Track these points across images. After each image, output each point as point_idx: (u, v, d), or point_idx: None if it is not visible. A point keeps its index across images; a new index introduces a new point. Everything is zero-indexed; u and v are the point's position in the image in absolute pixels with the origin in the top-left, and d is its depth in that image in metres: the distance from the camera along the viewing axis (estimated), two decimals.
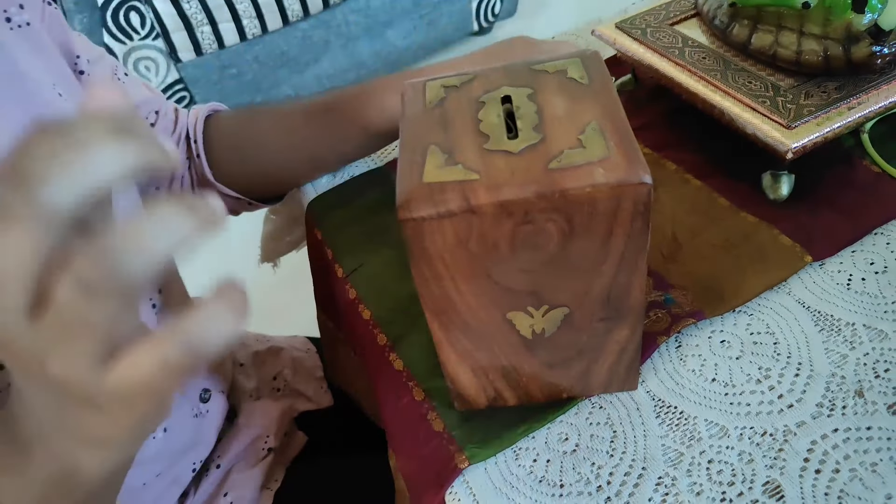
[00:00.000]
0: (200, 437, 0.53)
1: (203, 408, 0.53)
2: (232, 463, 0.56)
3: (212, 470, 0.55)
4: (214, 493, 0.54)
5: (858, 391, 0.38)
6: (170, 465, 0.50)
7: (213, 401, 0.54)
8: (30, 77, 0.40)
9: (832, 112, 0.47)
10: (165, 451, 0.48)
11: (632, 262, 0.32)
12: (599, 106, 0.32)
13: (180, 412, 0.49)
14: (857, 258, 0.45)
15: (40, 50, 0.42)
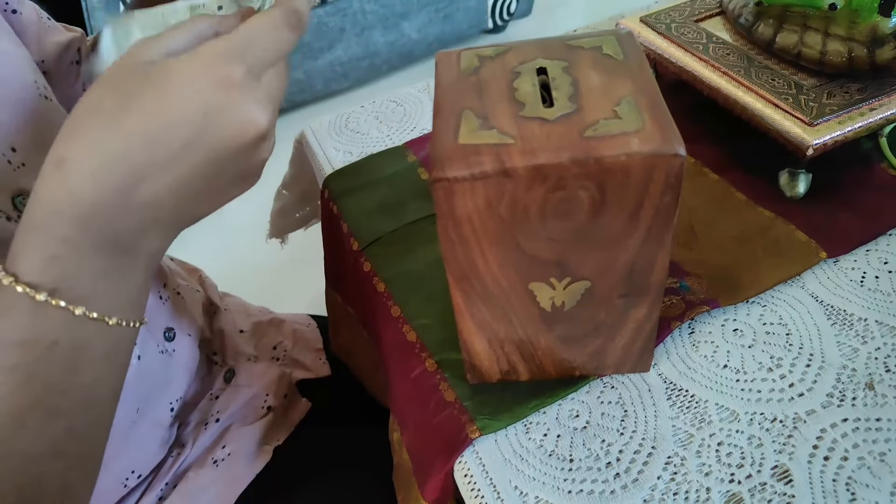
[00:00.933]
0: (169, 375, 0.53)
1: (168, 346, 0.52)
2: (232, 419, 0.57)
3: (210, 424, 0.55)
4: (212, 445, 0.55)
5: (869, 384, 0.39)
6: (145, 401, 0.50)
7: (179, 341, 0.54)
8: None
9: (854, 112, 0.48)
10: (140, 380, 0.48)
11: (658, 237, 0.32)
12: (634, 81, 0.32)
13: (146, 346, 0.49)
14: (871, 257, 0.46)
15: None
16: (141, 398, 0.49)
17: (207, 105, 0.28)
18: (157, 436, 0.52)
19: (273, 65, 0.31)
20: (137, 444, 0.50)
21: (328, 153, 0.64)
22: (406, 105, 0.69)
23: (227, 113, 0.29)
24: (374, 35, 1.73)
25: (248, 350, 0.63)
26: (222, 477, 0.53)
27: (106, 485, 0.48)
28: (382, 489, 0.52)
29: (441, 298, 0.48)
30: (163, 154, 0.29)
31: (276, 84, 0.32)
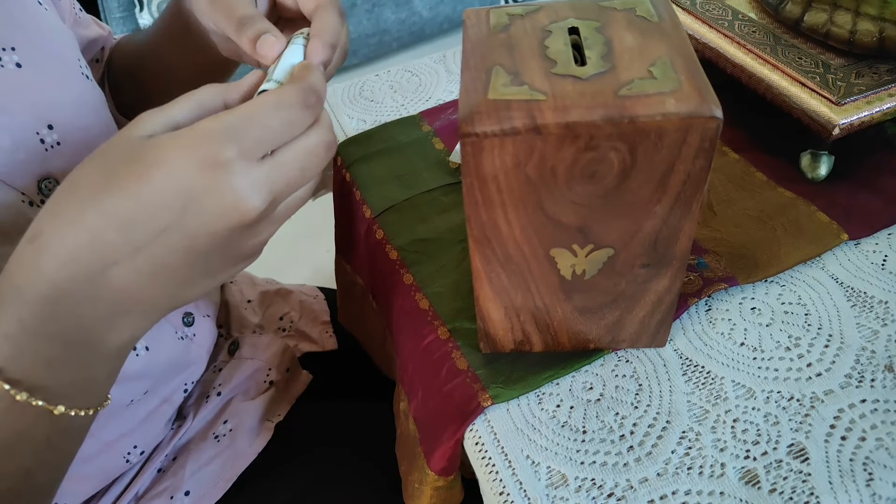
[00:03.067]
0: (189, 358, 0.53)
1: (188, 331, 0.52)
2: (234, 392, 0.56)
3: (212, 397, 0.55)
4: (214, 419, 0.54)
5: (888, 366, 0.38)
6: (157, 384, 0.50)
7: (198, 325, 0.54)
8: None
9: (882, 93, 0.47)
10: (150, 370, 0.48)
11: (686, 205, 0.32)
12: (669, 42, 0.32)
13: (163, 334, 0.49)
14: (893, 240, 0.45)
15: None
16: (153, 383, 0.49)
17: (189, 187, 0.26)
18: (167, 415, 0.52)
19: (281, 145, 0.28)
20: (145, 424, 0.49)
21: (341, 120, 0.63)
22: (421, 75, 0.68)
23: (210, 197, 0.26)
24: (385, 12, 1.71)
25: (253, 321, 0.62)
26: (223, 453, 0.52)
27: (109, 462, 0.48)
28: (383, 463, 0.52)
29: (455, 268, 0.47)
30: (138, 238, 0.27)
31: (292, 166, 0.29)
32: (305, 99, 0.29)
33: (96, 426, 0.34)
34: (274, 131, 0.28)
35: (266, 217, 0.29)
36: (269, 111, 0.28)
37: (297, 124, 0.29)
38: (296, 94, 0.29)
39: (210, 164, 0.26)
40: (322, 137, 0.30)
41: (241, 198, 0.27)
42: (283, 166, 0.28)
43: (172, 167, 0.26)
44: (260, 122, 0.27)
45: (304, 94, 0.29)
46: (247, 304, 0.64)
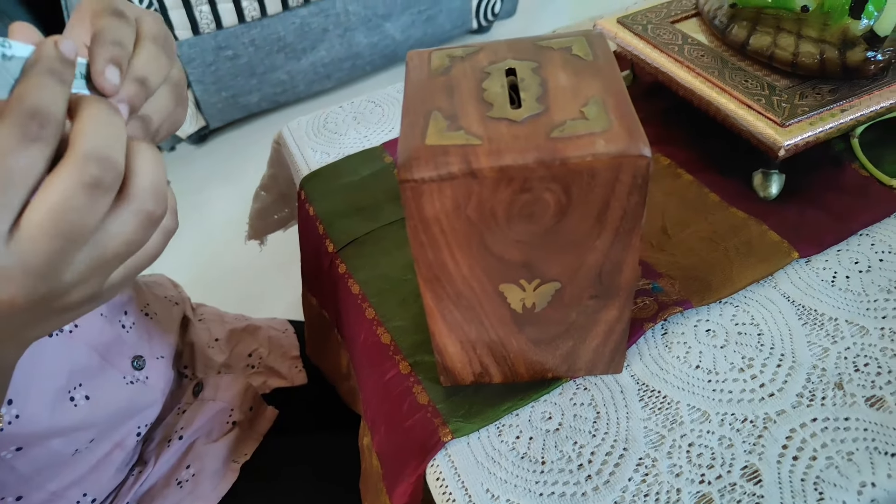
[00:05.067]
0: (142, 402, 0.52)
1: (139, 374, 0.51)
2: (196, 435, 0.56)
3: (174, 441, 0.54)
4: (176, 464, 0.54)
5: (838, 383, 0.39)
6: (105, 431, 0.49)
7: (150, 367, 0.53)
8: None
9: (825, 113, 0.48)
10: (94, 418, 0.47)
11: (626, 239, 0.32)
12: (602, 81, 0.32)
13: (107, 381, 0.48)
14: (842, 257, 0.46)
15: None
16: (100, 430, 0.48)
17: None
18: (118, 460, 0.51)
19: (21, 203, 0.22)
20: (95, 471, 0.48)
21: (306, 154, 0.64)
22: (384, 105, 0.69)
23: None
24: (358, 36, 1.72)
25: (218, 360, 0.62)
26: (185, 500, 0.52)
27: None
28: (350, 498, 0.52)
29: (416, 301, 0.48)
30: None
31: (43, 230, 0.22)
32: (24, 130, 0.21)
33: (41, 476, 0.34)
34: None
35: (50, 292, 0.24)
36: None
37: (23, 171, 0.22)
38: (5, 131, 0.21)
39: None
40: (66, 181, 0.22)
41: None
42: (32, 240, 0.22)
43: None
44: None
45: (18, 123, 0.21)
46: (214, 342, 0.63)
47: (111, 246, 0.24)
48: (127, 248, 0.25)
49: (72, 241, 0.23)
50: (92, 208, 0.23)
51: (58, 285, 0.24)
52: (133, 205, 0.24)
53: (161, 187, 0.25)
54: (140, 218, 0.25)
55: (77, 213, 0.22)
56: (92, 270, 0.25)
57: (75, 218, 0.23)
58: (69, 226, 0.23)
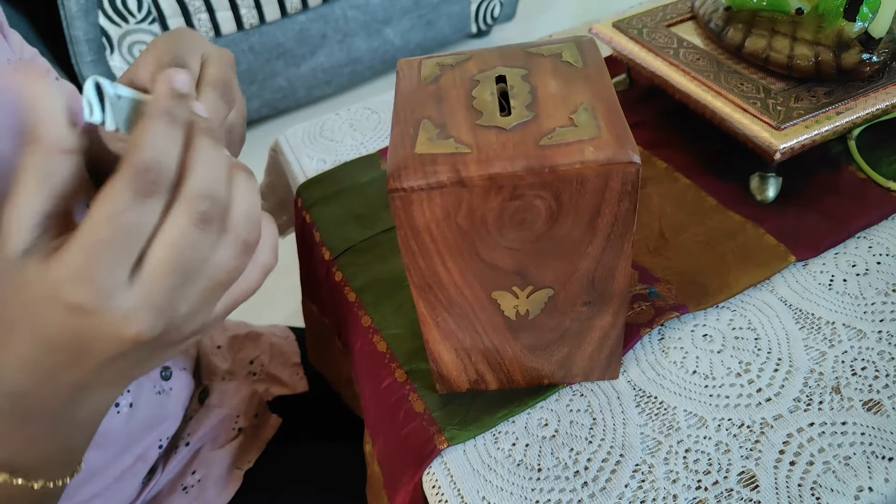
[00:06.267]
0: (165, 413, 0.52)
1: (165, 385, 0.52)
2: (202, 442, 0.56)
3: (180, 447, 0.54)
4: (182, 470, 0.54)
5: (835, 387, 0.39)
6: (132, 443, 0.49)
7: (175, 378, 0.54)
8: None
9: (821, 116, 0.48)
10: (129, 427, 0.48)
11: (617, 245, 0.32)
12: (592, 88, 0.32)
13: (143, 389, 0.49)
14: (839, 260, 0.46)
15: None
16: (128, 442, 0.49)
17: (70, 331, 0.25)
18: (141, 473, 0.51)
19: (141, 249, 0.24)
20: (118, 483, 0.49)
21: (302, 161, 0.64)
22: (381, 112, 0.69)
23: (93, 336, 0.25)
24: (357, 41, 1.73)
25: (222, 367, 0.62)
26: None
27: None
28: None
29: (411, 308, 0.47)
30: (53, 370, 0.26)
31: (165, 270, 0.24)
32: (138, 187, 0.23)
33: (70, 489, 0.34)
34: (119, 245, 0.23)
35: (168, 325, 0.26)
36: (102, 227, 0.23)
37: (140, 224, 0.24)
38: (122, 191, 0.23)
39: (73, 312, 0.24)
40: (180, 221, 0.24)
41: (119, 331, 0.24)
42: (153, 279, 0.24)
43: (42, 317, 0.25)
44: (97, 247, 0.23)
45: (133, 181, 0.23)
46: (216, 349, 0.63)
47: (216, 276, 0.26)
48: (228, 276, 0.26)
49: (187, 275, 0.25)
50: (203, 242, 0.25)
51: (175, 318, 0.26)
52: (231, 234, 0.26)
53: (255, 215, 0.27)
54: (238, 245, 0.26)
55: (191, 248, 0.24)
56: (202, 302, 0.26)
57: (190, 253, 0.24)
58: (185, 261, 0.25)
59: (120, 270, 0.24)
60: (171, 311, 0.25)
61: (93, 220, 0.23)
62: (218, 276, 0.26)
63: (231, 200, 0.26)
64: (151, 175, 0.23)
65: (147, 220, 0.24)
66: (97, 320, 0.24)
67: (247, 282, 0.28)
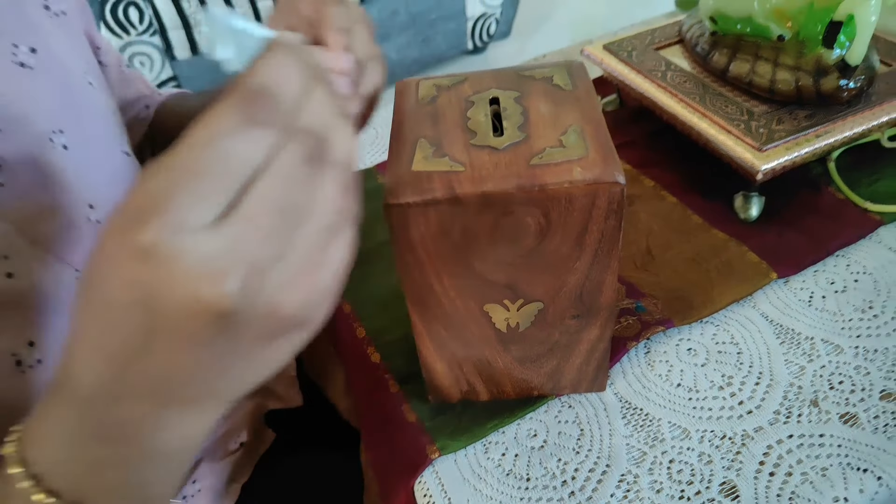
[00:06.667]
0: None
1: None
2: (203, 454, 0.57)
3: None
4: None
5: (814, 401, 0.40)
6: None
7: None
8: (65, 64, 0.41)
9: (801, 138, 0.50)
10: None
11: (604, 261, 0.34)
12: (580, 111, 0.34)
13: None
14: (818, 277, 0.47)
15: (73, 38, 0.43)
16: None
17: (136, 292, 0.20)
18: None
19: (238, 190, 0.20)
20: None
21: None
22: (378, 127, 0.70)
23: (162, 296, 0.19)
24: None
25: None
26: None
27: None
28: None
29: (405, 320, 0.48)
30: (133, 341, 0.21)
31: (263, 211, 0.20)
32: (247, 112, 0.19)
33: None
34: (211, 176, 0.19)
35: (253, 294, 0.20)
36: (195, 151, 0.19)
37: (241, 155, 0.20)
38: (228, 114, 0.19)
39: (143, 257, 0.19)
40: (291, 159, 0.20)
41: (196, 289, 0.19)
42: (247, 221, 0.19)
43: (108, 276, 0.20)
44: (187, 174, 0.19)
45: (242, 104, 0.19)
46: None
47: (321, 220, 0.22)
48: (337, 217, 0.23)
49: (287, 222, 0.20)
50: (308, 182, 0.21)
51: (269, 287, 0.20)
52: (334, 170, 0.22)
53: (355, 158, 0.24)
54: (341, 183, 0.22)
55: (294, 184, 0.20)
56: (308, 257, 0.21)
57: (293, 190, 0.20)
58: (286, 200, 0.20)
59: (206, 208, 0.19)
60: (265, 275, 0.20)
61: (186, 142, 0.19)
62: (323, 220, 0.22)
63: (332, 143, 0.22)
64: (265, 102, 0.20)
65: (250, 152, 0.20)
66: (166, 272, 0.19)
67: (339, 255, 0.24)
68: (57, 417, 0.24)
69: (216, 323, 0.20)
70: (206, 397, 0.24)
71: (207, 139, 0.19)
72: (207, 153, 0.19)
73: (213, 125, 0.19)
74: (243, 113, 0.19)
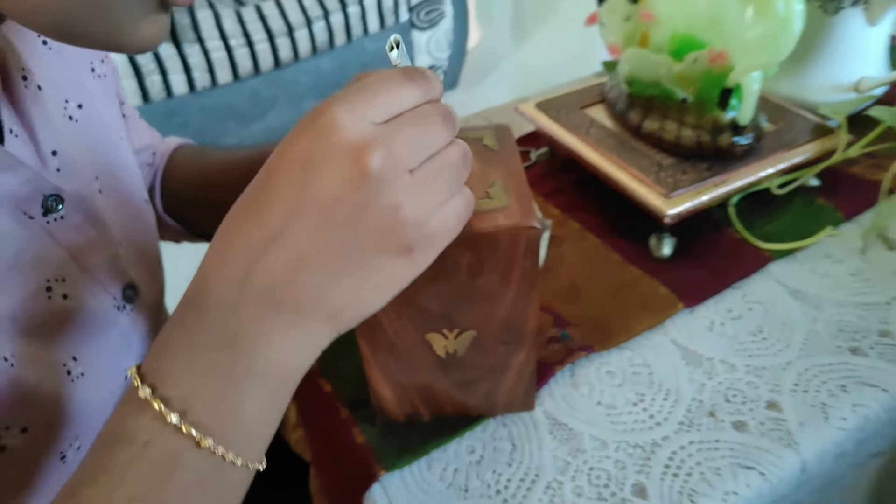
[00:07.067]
0: None
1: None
2: None
3: None
4: None
5: (711, 412, 0.47)
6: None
7: None
8: (103, 120, 0.46)
9: (702, 187, 0.58)
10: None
11: (527, 294, 0.40)
12: (505, 168, 0.40)
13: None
14: (718, 307, 0.55)
15: (110, 98, 0.48)
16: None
17: (303, 155, 0.26)
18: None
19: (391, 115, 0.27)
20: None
21: None
22: None
23: (324, 155, 0.25)
24: (306, 104, 1.81)
25: None
26: None
27: None
28: None
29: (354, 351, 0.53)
30: (271, 225, 0.26)
31: (408, 124, 0.27)
32: (407, 74, 0.28)
33: None
34: (380, 96, 0.27)
35: (389, 178, 0.26)
36: (374, 81, 0.27)
37: (403, 94, 0.27)
38: (397, 71, 0.28)
39: (320, 128, 0.25)
40: (436, 107, 0.28)
41: (353, 145, 0.25)
42: (398, 124, 0.27)
43: (287, 144, 0.26)
44: (366, 89, 0.27)
45: (404, 70, 0.28)
46: None
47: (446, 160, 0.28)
48: (457, 170, 0.28)
49: (424, 140, 0.27)
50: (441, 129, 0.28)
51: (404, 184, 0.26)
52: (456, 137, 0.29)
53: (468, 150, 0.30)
54: (461, 149, 0.29)
55: (432, 125, 0.27)
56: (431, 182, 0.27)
57: (431, 127, 0.27)
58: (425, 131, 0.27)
59: (375, 113, 0.26)
60: (399, 170, 0.26)
61: (372, 76, 0.28)
62: (446, 161, 0.28)
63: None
64: (416, 73, 0.28)
65: (407, 96, 0.27)
66: (332, 133, 0.25)
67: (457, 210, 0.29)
68: (183, 327, 0.27)
69: (358, 184, 0.25)
70: (312, 310, 0.27)
71: (381, 76, 0.27)
72: (384, 86, 0.27)
73: (384, 73, 0.28)
74: (404, 74, 0.28)
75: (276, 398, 0.28)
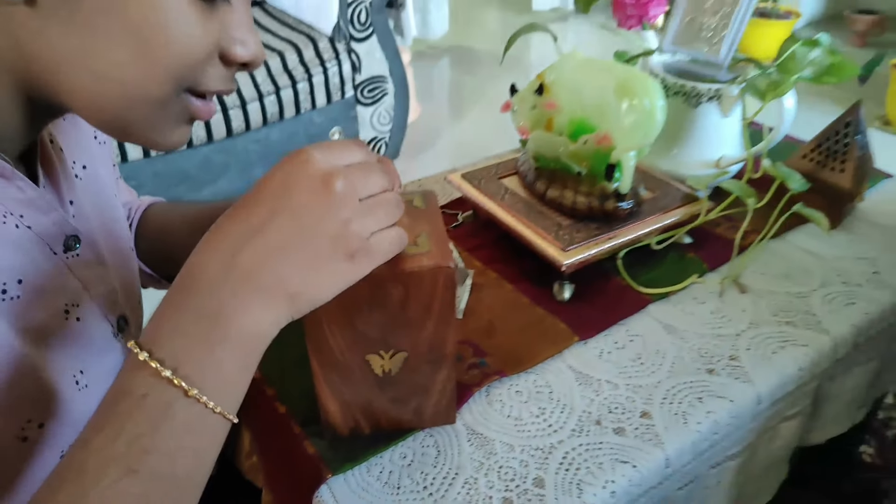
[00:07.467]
0: None
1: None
2: None
3: None
4: None
5: (598, 421, 0.58)
6: None
7: None
8: (102, 180, 0.54)
9: (592, 242, 0.71)
10: None
11: (446, 321, 0.50)
12: (429, 223, 0.52)
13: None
14: (607, 339, 0.67)
15: (107, 162, 0.56)
16: None
17: (285, 176, 0.36)
18: None
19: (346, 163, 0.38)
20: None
21: None
22: None
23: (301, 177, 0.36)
24: (256, 171, 1.91)
25: None
26: None
27: None
28: None
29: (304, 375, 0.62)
30: (255, 222, 0.35)
31: (357, 167, 0.38)
32: (354, 141, 0.40)
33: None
34: (341, 150, 0.38)
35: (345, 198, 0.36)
36: (334, 143, 0.39)
37: (355, 152, 0.39)
38: (349, 140, 0.40)
39: (299, 161, 0.36)
40: (380, 162, 0.41)
41: (323, 172, 0.36)
42: (354, 167, 0.37)
43: (273, 170, 0.37)
44: (330, 144, 0.38)
45: (352, 141, 0.40)
46: None
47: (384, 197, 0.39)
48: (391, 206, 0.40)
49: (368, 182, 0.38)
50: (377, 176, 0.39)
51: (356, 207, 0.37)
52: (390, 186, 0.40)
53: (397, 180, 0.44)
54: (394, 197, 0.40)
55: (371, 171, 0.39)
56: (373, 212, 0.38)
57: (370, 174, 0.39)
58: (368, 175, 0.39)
59: (332, 158, 0.37)
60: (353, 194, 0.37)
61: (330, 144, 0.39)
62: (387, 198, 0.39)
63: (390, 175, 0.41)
64: (363, 142, 0.41)
65: (354, 151, 0.39)
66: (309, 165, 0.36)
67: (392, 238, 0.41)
68: (174, 304, 0.35)
69: (324, 199, 0.36)
70: (278, 291, 0.36)
71: (343, 142, 0.39)
72: (342, 144, 0.39)
73: (339, 140, 0.41)
74: (354, 142, 0.40)
75: (246, 360, 0.36)
